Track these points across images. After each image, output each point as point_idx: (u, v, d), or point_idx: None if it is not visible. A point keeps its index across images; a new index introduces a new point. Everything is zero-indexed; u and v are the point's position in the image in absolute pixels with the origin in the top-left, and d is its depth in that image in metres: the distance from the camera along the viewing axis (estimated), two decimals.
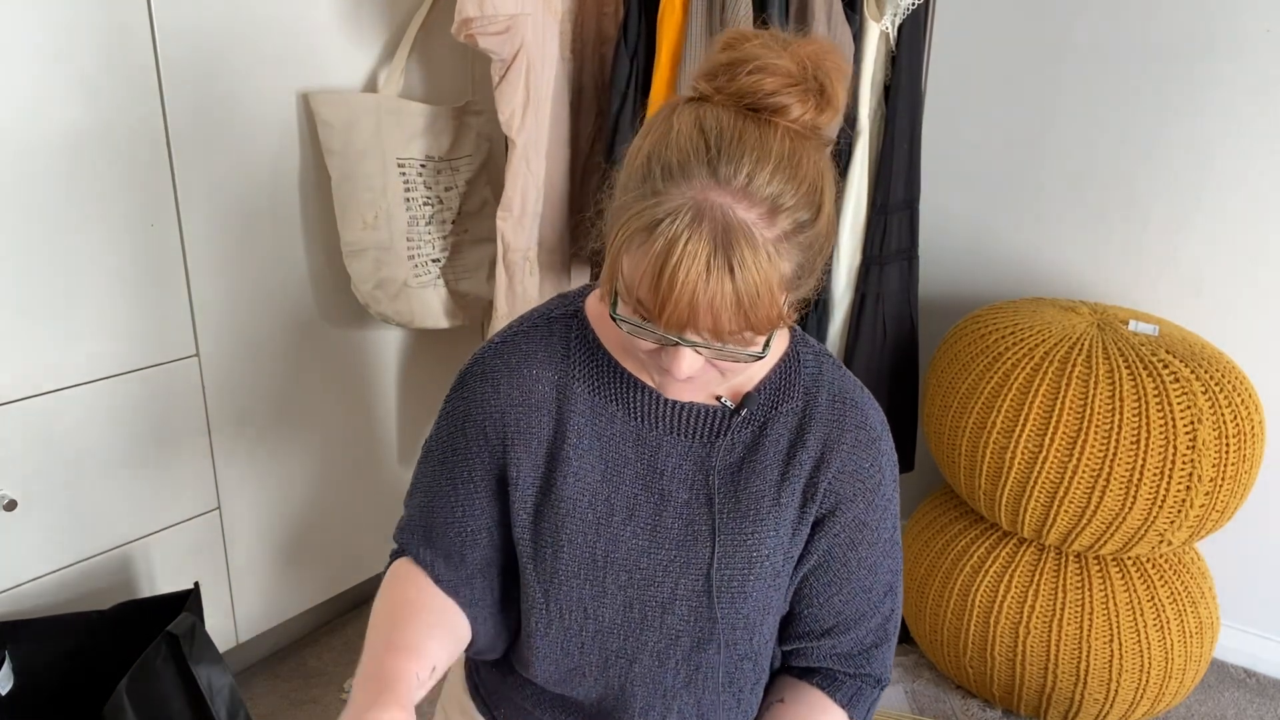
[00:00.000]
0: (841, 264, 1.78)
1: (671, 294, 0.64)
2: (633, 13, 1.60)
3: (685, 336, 0.68)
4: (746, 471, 0.82)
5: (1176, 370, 1.52)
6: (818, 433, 0.82)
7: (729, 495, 0.81)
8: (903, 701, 1.80)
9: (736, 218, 0.64)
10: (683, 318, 0.66)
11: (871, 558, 0.85)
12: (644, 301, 0.67)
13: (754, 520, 0.81)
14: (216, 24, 1.45)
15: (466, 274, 1.87)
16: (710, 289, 0.64)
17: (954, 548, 1.75)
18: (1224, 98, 1.74)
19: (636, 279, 0.67)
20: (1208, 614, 1.66)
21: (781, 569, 0.83)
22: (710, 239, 0.64)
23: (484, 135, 1.86)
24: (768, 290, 0.66)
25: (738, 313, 0.65)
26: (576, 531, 0.81)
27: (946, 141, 2.02)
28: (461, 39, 1.49)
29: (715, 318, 0.65)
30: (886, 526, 0.86)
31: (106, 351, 1.42)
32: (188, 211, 1.48)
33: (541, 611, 0.84)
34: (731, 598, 0.81)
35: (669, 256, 0.64)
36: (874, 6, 1.66)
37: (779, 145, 0.66)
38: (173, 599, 1.41)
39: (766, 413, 0.82)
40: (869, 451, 0.83)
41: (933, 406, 1.75)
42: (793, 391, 0.83)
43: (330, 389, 1.78)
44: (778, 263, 0.66)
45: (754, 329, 0.67)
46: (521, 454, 0.81)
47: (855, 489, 0.83)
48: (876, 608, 0.87)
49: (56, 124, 1.30)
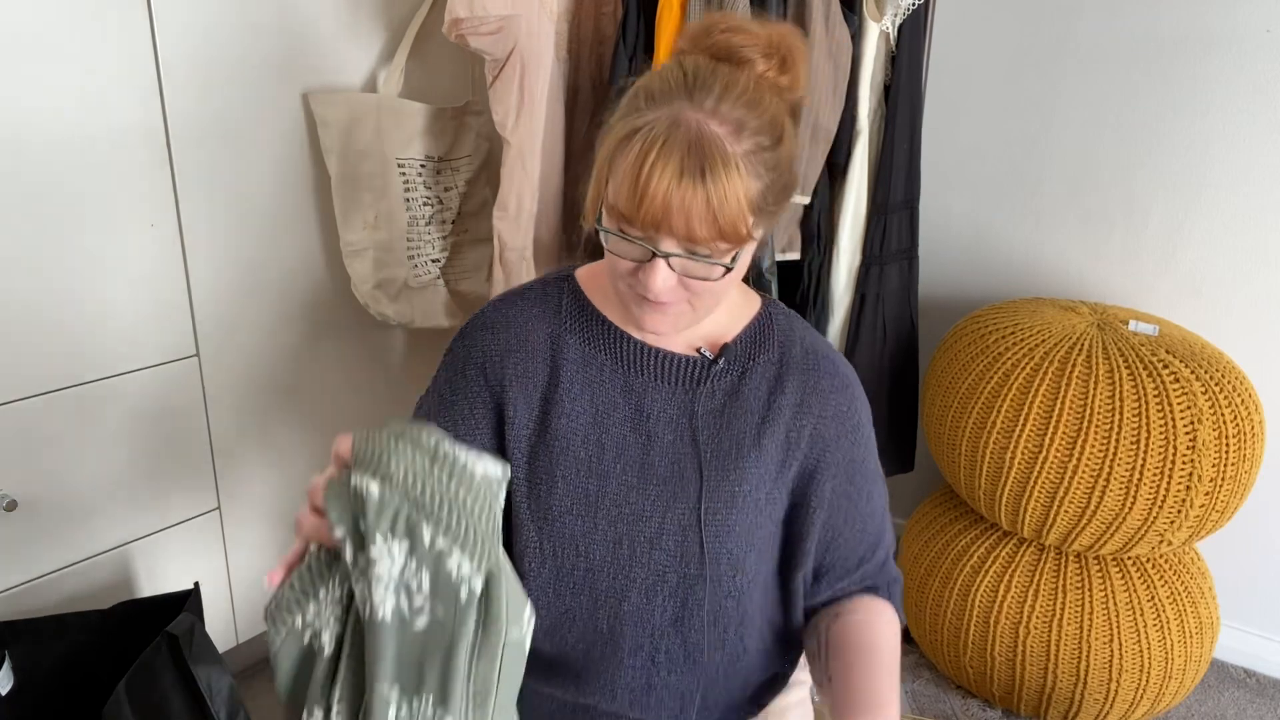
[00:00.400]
0: (841, 264, 1.78)
1: (648, 190, 0.74)
2: (631, 12, 1.60)
3: (660, 244, 0.77)
4: (729, 414, 0.89)
5: (1176, 370, 1.52)
6: (795, 381, 0.91)
7: (712, 436, 0.88)
8: (903, 701, 1.80)
9: (708, 130, 0.75)
10: (658, 215, 0.75)
11: (867, 487, 0.95)
12: (623, 207, 0.76)
13: (736, 458, 0.88)
14: (216, 24, 1.45)
15: (466, 274, 1.87)
16: (683, 189, 0.74)
17: (954, 548, 1.75)
18: (1224, 98, 1.74)
19: (617, 184, 0.76)
20: (1208, 614, 1.66)
21: (764, 506, 0.89)
22: (684, 144, 0.74)
23: (484, 135, 1.86)
24: (735, 198, 0.75)
25: (707, 214, 0.75)
26: (569, 469, 0.87)
27: (946, 141, 2.02)
28: (453, 39, 1.49)
29: (687, 218, 0.75)
30: (870, 460, 0.96)
31: (106, 351, 1.42)
32: (188, 211, 1.48)
33: (535, 551, 0.88)
34: (716, 531, 0.87)
35: (646, 157, 0.74)
36: (874, 6, 1.66)
37: (745, 82, 0.78)
38: (173, 599, 1.41)
39: (744, 363, 0.91)
40: (844, 395, 0.92)
41: (933, 406, 1.75)
42: (768, 344, 0.92)
43: (330, 389, 1.78)
44: (744, 175, 0.76)
45: (723, 237, 0.76)
46: (518, 395, 0.89)
47: (839, 430, 0.92)
48: (883, 530, 0.97)
49: (57, 124, 1.30)
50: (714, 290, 0.82)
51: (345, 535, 0.59)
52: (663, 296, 0.80)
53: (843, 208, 1.75)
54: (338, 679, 0.61)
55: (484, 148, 1.87)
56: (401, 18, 1.72)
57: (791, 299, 1.79)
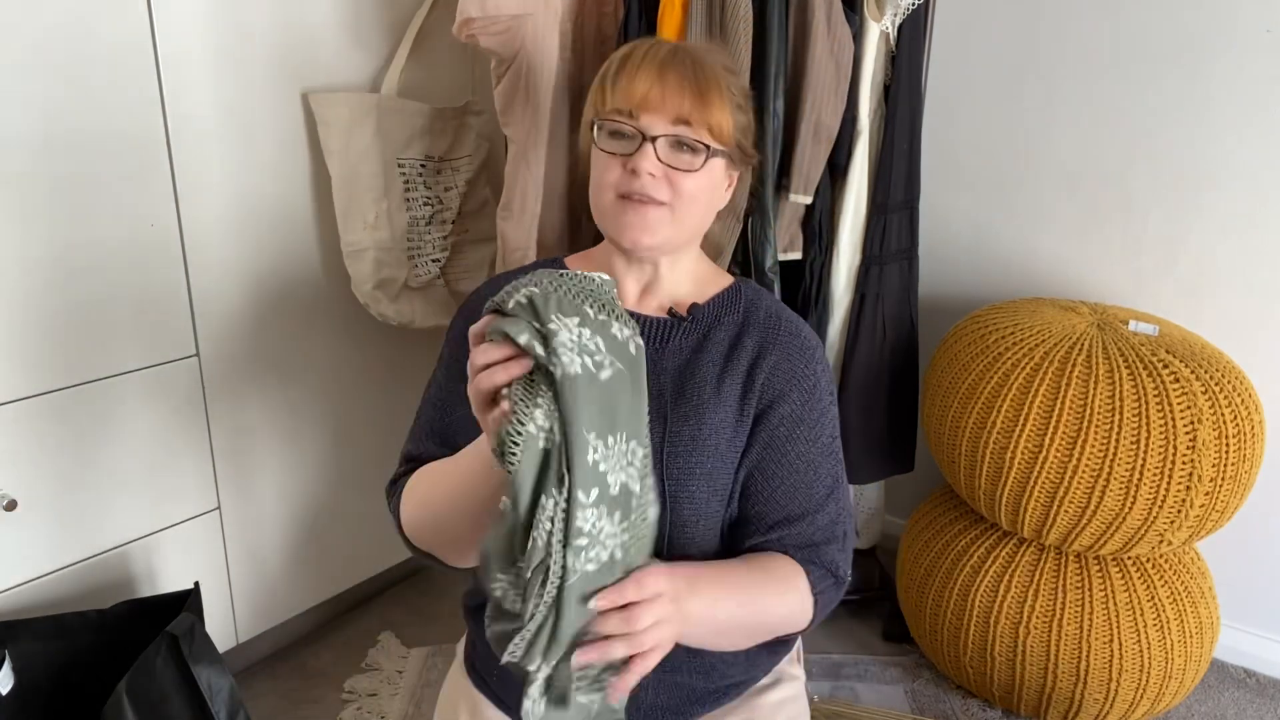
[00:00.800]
0: (841, 264, 1.78)
1: (640, 70, 0.89)
2: (633, 12, 1.60)
3: (650, 128, 0.90)
4: (691, 367, 0.96)
5: (1176, 370, 1.52)
6: (754, 336, 0.97)
7: (677, 388, 0.95)
8: (903, 701, 1.80)
9: (690, 48, 0.93)
10: (648, 90, 0.89)
11: (810, 454, 0.95)
12: (619, 92, 0.90)
13: (696, 406, 0.94)
14: (216, 24, 1.45)
15: (467, 274, 1.87)
16: (674, 65, 0.89)
17: (954, 548, 1.75)
18: (1224, 98, 1.74)
19: (613, 79, 0.92)
20: (1208, 614, 1.66)
21: (725, 453, 0.93)
22: (672, 47, 0.91)
23: (484, 135, 1.86)
24: (718, 92, 0.90)
25: (695, 94, 0.89)
26: None
27: (946, 141, 2.02)
28: (463, 39, 1.49)
29: (680, 96, 0.89)
30: (825, 431, 0.97)
31: (106, 351, 1.42)
32: (188, 211, 1.48)
33: None
34: (678, 475, 0.92)
35: (637, 48, 0.91)
36: (874, 6, 1.66)
37: (714, 58, 0.95)
38: (173, 599, 1.41)
39: (709, 324, 0.99)
40: (802, 356, 0.97)
41: (933, 406, 1.75)
42: (734, 309, 1.00)
43: (331, 389, 1.78)
44: (725, 82, 0.91)
45: (708, 127, 0.90)
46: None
47: (790, 385, 0.95)
48: (821, 506, 0.95)
49: (57, 124, 1.30)
50: (694, 195, 0.93)
51: (528, 335, 0.68)
52: (649, 186, 0.90)
53: (843, 207, 1.75)
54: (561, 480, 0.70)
55: (484, 148, 1.87)
56: (401, 18, 1.72)
57: (793, 299, 1.79)
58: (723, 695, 1.02)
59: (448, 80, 1.82)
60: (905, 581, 1.87)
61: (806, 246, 1.75)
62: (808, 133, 1.63)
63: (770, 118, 1.60)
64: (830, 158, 1.70)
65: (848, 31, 1.63)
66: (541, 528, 0.67)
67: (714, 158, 0.92)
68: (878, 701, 1.79)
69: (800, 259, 1.76)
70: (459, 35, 1.49)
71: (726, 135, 0.92)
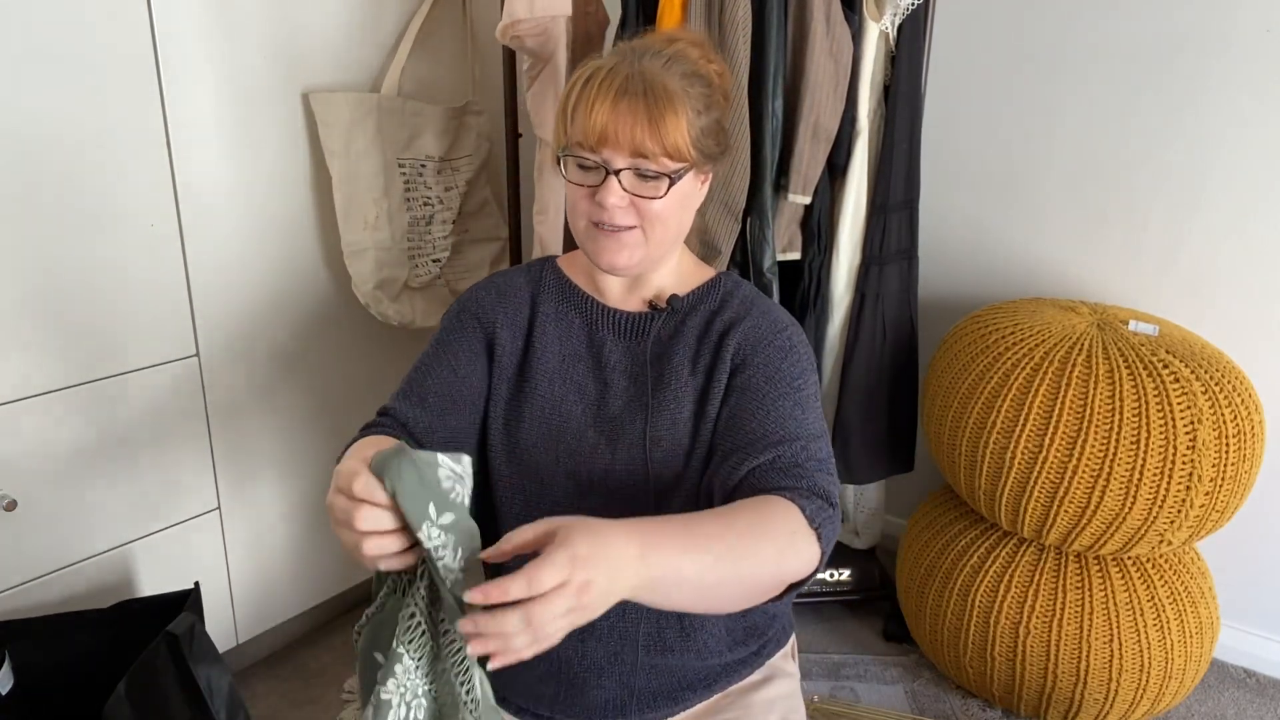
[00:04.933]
0: (841, 264, 1.78)
1: (595, 106, 0.89)
2: (631, 13, 1.60)
3: (612, 162, 0.90)
4: (669, 352, 1.00)
5: (1176, 370, 1.52)
6: (726, 316, 1.01)
7: (656, 373, 0.99)
8: (903, 701, 1.80)
9: (649, 65, 0.91)
10: (605, 128, 0.89)
11: (793, 401, 0.95)
12: (578, 129, 0.91)
13: (674, 387, 0.98)
14: (217, 24, 1.45)
15: (467, 273, 1.87)
16: (627, 101, 0.89)
17: (954, 548, 1.75)
18: (1224, 98, 1.74)
19: (572, 113, 0.92)
20: (1208, 614, 1.66)
21: (702, 428, 0.96)
22: (625, 73, 0.90)
23: (484, 135, 1.86)
24: (673, 113, 0.89)
25: (649, 125, 0.89)
26: (537, 407, 1.00)
27: (946, 141, 2.02)
28: (506, 40, 1.48)
29: (632, 129, 0.89)
30: (807, 392, 0.97)
31: (107, 351, 1.42)
32: (187, 211, 1.48)
33: (507, 483, 1.01)
34: (661, 455, 0.96)
35: (594, 75, 0.91)
36: (874, 6, 1.66)
37: (679, 50, 0.95)
38: (173, 599, 1.41)
39: (686, 312, 1.02)
40: (774, 328, 0.99)
41: (933, 406, 1.75)
42: (712, 297, 1.04)
43: (331, 389, 1.78)
44: (680, 98, 0.90)
45: (665, 150, 0.90)
46: (505, 336, 1.02)
47: (761, 345, 0.98)
48: (815, 437, 0.93)
49: (57, 124, 1.30)
50: (663, 217, 0.93)
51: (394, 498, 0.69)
52: (616, 216, 0.92)
53: (842, 208, 1.75)
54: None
55: (484, 148, 1.87)
56: (402, 17, 1.72)
57: (791, 299, 1.79)
58: (714, 680, 1.03)
59: (448, 80, 1.82)
60: (905, 581, 1.87)
61: (805, 247, 1.75)
62: (806, 133, 1.63)
63: (769, 118, 1.60)
64: (830, 158, 1.70)
65: (847, 31, 1.63)
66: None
67: (678, 179, 0.92)
68: (878, 701, 1.79)
69: (799, 259, 1.76)
70: (502, 37, 1.48)
71: (685, 152, 0.91)
